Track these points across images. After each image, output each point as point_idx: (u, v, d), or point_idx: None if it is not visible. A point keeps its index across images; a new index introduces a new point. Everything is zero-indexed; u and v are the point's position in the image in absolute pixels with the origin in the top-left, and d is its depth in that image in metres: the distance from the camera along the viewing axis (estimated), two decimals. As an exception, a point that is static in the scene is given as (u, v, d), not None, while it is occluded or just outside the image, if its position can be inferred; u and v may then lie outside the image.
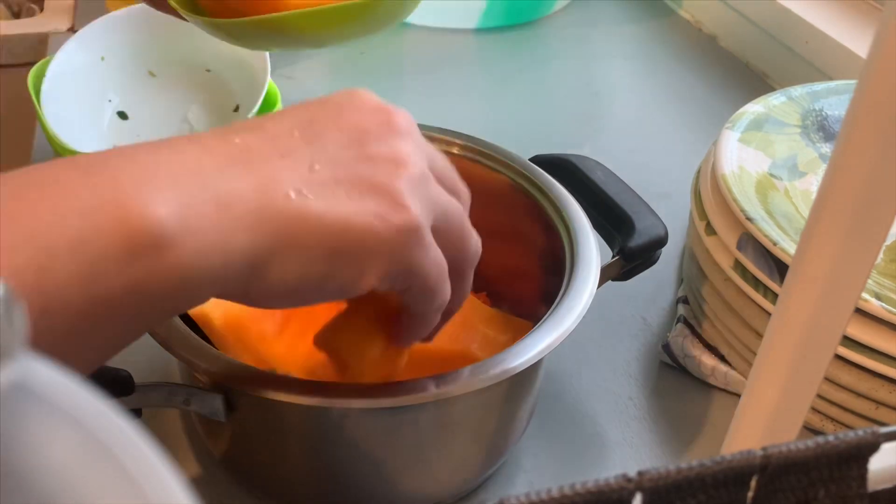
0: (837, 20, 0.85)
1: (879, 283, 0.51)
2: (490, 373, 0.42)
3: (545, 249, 0.53)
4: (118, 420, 0.16)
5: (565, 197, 0.53)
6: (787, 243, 0.52)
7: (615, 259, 0.51)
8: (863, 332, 0.49)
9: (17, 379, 0.16)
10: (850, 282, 0.28)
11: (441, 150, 0.57)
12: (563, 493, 0.21)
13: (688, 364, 0.58)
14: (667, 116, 0.86)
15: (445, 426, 0.46)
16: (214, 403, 0.43)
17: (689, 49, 0.96)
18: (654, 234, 0.52)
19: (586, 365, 0.59)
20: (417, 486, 0.48)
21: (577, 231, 0.51)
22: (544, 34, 0.96)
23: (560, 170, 0.56)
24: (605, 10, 1.02)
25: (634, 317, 0.63)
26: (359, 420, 0.44)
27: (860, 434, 0.24)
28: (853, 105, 0.26)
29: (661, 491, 0.22)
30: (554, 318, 0.45)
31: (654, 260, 0.52)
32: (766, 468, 0.23)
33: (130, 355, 0.48)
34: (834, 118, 0.64)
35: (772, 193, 0.57)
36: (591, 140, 0.80)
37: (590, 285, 0.47)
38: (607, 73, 0.90)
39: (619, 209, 0.53)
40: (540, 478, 0.52)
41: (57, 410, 0.16)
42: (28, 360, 0.16)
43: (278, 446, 0.46)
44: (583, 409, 0.56)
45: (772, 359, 0.30)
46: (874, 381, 0.50)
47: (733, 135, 0.61)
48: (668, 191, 0.73)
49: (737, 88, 0.89)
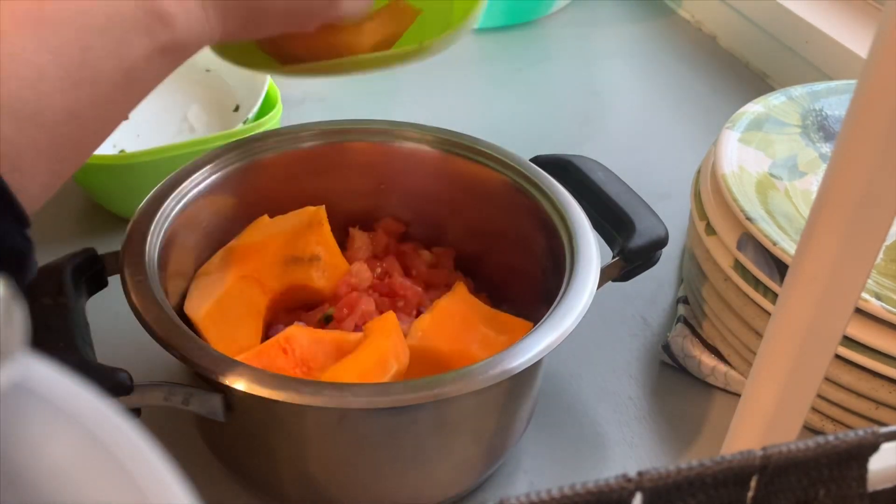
0: (837, 20, 0.85)
1: (879, 283, 0.51)
2: (490, 373, 0.42)
3: (545, 250, 0.53)
4: (118, 420, 0.16)
5: (565, 197, 0.53)
6: (787, 243, 0.52)
7: (615, 259, 0.51)
8: (863, 332, 0.49)
9: (17, 379, 0.16)
10: (850, 282, 0.28)
11: (441, 149, 0.58)
12: (563, 493, 0.21)
13: (688, 364, 0.58)
14: (667, 116, 0.86)
15: (445, 426, 0.46)
16: (213, 403, 0.43)
17: (689, 49, 0.96)
18: (654, 234, 0.51)
19: (586, 365, 0.59)
20: (418, 485, 0.48)
21: (577, 232, 0.51)
22: (544, 34, 0.96)
23: (560, 170, 0.55)
24: (605, 10, 1.02)
25: (634, 317, 0.63)
26: (358, 420, 0.44)
27: (860, 434, 0.24)
28: (853, 105, 0.26)
29: (661, 491, 0.22)
30: (554, 319, 0.45)
31: (655, 261, 0.52)
32: (766, 468, 0.23)
33: (130, 355, 0.48)
34: (834, 118, 0.64)
35: (772, 193, 0.57)
36: (591, 140, 0.80)
37: (590, 286, 0.47)
38: (607, 73, 0.90)
39: (620, 210, 0.53)
40: (540, 478, 0.52)
41: (57, 410, 0.16)
42: (28, 360, 0.16)
43: (276, 446, 0.46)
44: (583, 409, 0.56)
45: (772, 359, 0.30)
46: (874, 381, 0.50)
47: (733, 135, 0.61)
48: (668, 191, 0.73)
49: (737, 88, 0.89)
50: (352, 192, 0.59)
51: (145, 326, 0.44)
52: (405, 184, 0.58)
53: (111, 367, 0.41)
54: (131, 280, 0.46)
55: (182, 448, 0.51)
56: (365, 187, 0.59)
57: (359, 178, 0.58)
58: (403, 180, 0.58)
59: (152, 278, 0.46)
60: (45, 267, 0.46)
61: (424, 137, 0.57)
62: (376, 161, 0.58)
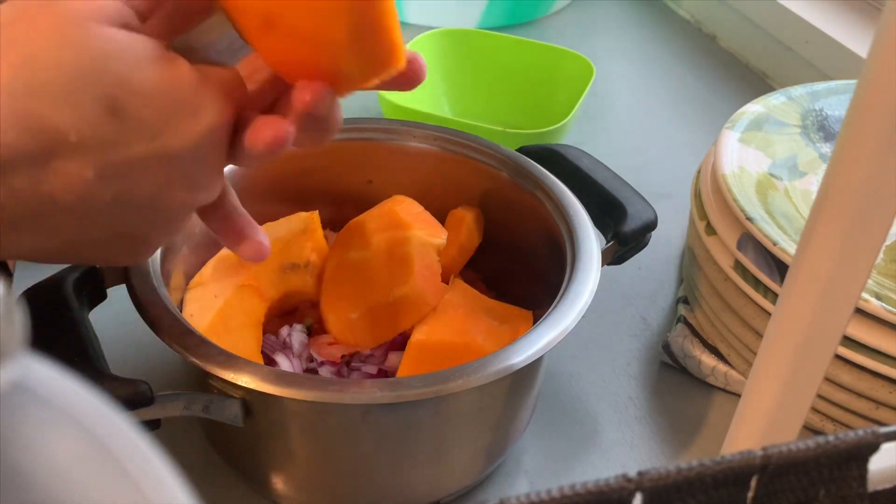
0: (837, 20, 0.85)
1: (879, 283, 0.51)
2: (494, 367, 0.42)
3: (545, 244, 0.53)
4: (118, 420, 0.16)
5: (562, 190, 0.53)
6: (787, 243, 0.52)
7: (611, 244, 0.52)
8: (863, 332, 0.49)
9: (17, 379, 0.16)
10: (850, 282, 0.28)
11: (439, 147, 0.58)
12: (563, 493, 0.21)
13: (688, 364, 0.58)
14: (667, 116, 0.86)
15: (448, 422, 0.46)
16: (233, 409, 0.43)
17: (689, 49, 0.96)
18: (646, 217, 0.53)
19: (586, 365, 0.59)
20: (421, 481, 0.48)
21: (576, 225, 0.51)
22: (544, 34, 0.96)
23: (546, 160, 0.56)
24: (605, 10, 1.03)
25: (634, 317, 0.63)
26: (367, 416, 0.44)
27: (860, 434, 0.24)
28: (853, 105, 0.26)
29: (661, 491, 0.22)
30: (556, 314, 0.45)
31: (646, 243, 0.53)
32: (766, 468, 0.23)
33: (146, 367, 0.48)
34: (834, 118, 0.64)
35: (772, 193, 0.57)
36: (592, 140, 0.80)
37: (591, 281, 0.47)
38: (607, 73, 0.90)
39: (610, 195, 0.54)
40: (540, 478, 0.52)
41: (57, 410, 0.16)
42: (28, 360, 0.16)
43: (288, 446, 0.46)
44: (583, 408, 0.56)
45: (772, 359, 0.30)
46: (874, 381, 0.50)
47: (733, 135, 0.61)
48: (668, 191, 0.73)
49: (737, 88, 0.89)
50: (343, 191, 0.59)
51: (162, 336, 0.43)
52: (398, 181, 0.58)
53: (130, 379, 0.41)
54: (142, 290, 0.45)
55: (182, 448, 0.52)
56: (357, 185, 0.59)
57: (351, 177, 0.59)
58: (396, 178, 0.58)
59: (160, 288, 0.46)
60: (46, 281, 0.45)
61: (417, 134, 0.58)
62: (368, 159, 0.58)
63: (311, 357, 0.52)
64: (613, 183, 0.55)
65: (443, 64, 0.81)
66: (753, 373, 0.31)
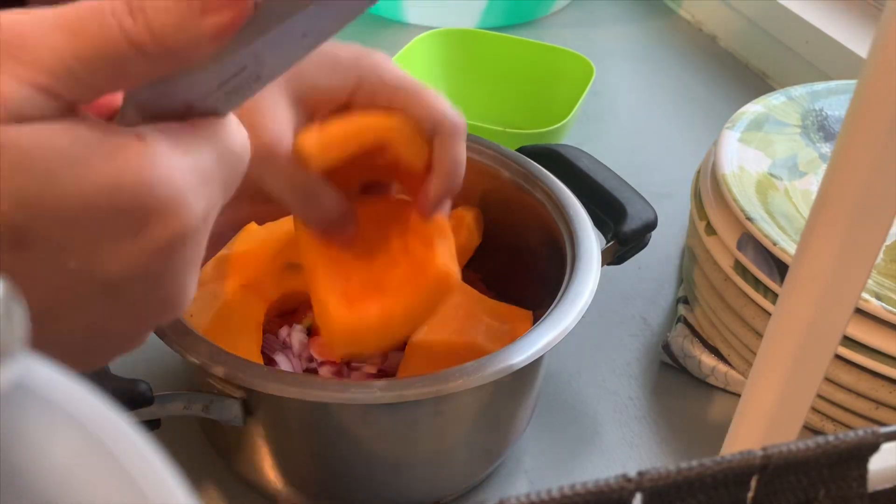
0: (837, 20, 0.85)
1: (879, 283, 0.51)
2: (494, 367, 0.42)
3: (545, 244, 0.53)
4: (118, 420, 0.16)
5: (562, 191, 0.53)
6: (787, 243, 0.52)
7: (611, 244, 0.52)
8: (863, 332, 0.49)
9: (17, 379, 0.16)
10: (850, 282, 0.28)
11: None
12: (563, 493, 0.21)
13: (688, 364, 0.58)
14: (667, 116, 0.86)
15: (448, 422, 0.46)
16: (233, 409, 0.43)
17: (689, 49, 0.96)
18: (646, 217, 0.53)
19: (586, 365, 0.59)
20: (418, 482, 0.48)
21: (576, 225, 0.51)
22: (544, 34, 0.96)
23: (546, 160, 0.56)
24: (605, 10, 1.02)
25: (634, 317, 0.63)
26: (367, 416, 0.44)
27: (860, 434, 0.24)
28: (853, 105, 0.26)
29: (661, 491, 0.22)
30: (556, 314, 0.45)
31: (646, 243, 0.53)
32: (766, 468, 0.23)
33: (146, 366, 0.48)
34: (834, 118, 0.64)
35: (772, 193, 0.57)
36: (592, 140, 0.80)
37: (591, 281, 0.48)
38: (607, 73, 0.90)
39: (609, 195, 0.54)
40: (540, 478, 0.52)
41: (57, 410, 0.16)
42: (28, 360, 0.16)
43: (288, 446, 0.46)
44: (583, 409, 0.56)
45: (772, 359, 0.30)
46: (874, 381, 0.50)
47: (733, 135, 0.61)
48: (668, 191, 0.73)
49: (737, 88, 0.89)
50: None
51: (161, 336, 0.43)
52: None
53: (130, 379, 0.41)
54: None
55: (182, 448, 0.52)
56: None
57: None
58: None
59: None
60: None
61: None
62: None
63: (310, 357, 0.52)
64: (613, 183, 0.55)
65: (443, 64, 0.81)
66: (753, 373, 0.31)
